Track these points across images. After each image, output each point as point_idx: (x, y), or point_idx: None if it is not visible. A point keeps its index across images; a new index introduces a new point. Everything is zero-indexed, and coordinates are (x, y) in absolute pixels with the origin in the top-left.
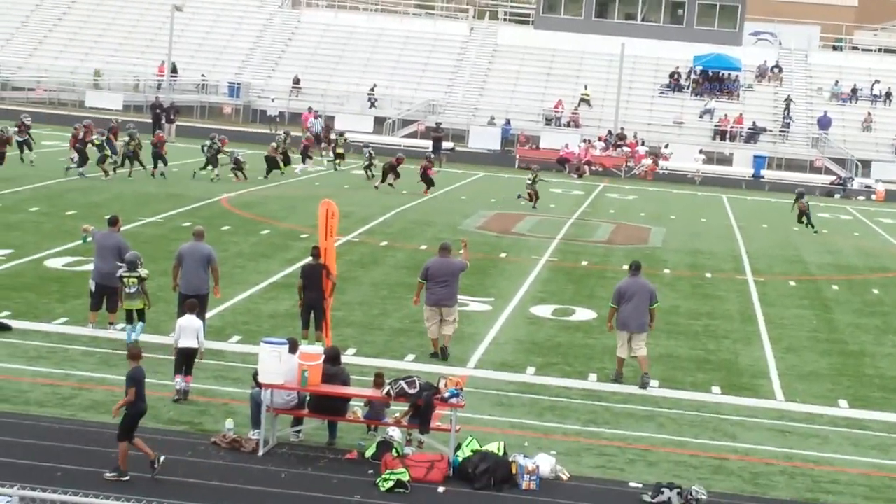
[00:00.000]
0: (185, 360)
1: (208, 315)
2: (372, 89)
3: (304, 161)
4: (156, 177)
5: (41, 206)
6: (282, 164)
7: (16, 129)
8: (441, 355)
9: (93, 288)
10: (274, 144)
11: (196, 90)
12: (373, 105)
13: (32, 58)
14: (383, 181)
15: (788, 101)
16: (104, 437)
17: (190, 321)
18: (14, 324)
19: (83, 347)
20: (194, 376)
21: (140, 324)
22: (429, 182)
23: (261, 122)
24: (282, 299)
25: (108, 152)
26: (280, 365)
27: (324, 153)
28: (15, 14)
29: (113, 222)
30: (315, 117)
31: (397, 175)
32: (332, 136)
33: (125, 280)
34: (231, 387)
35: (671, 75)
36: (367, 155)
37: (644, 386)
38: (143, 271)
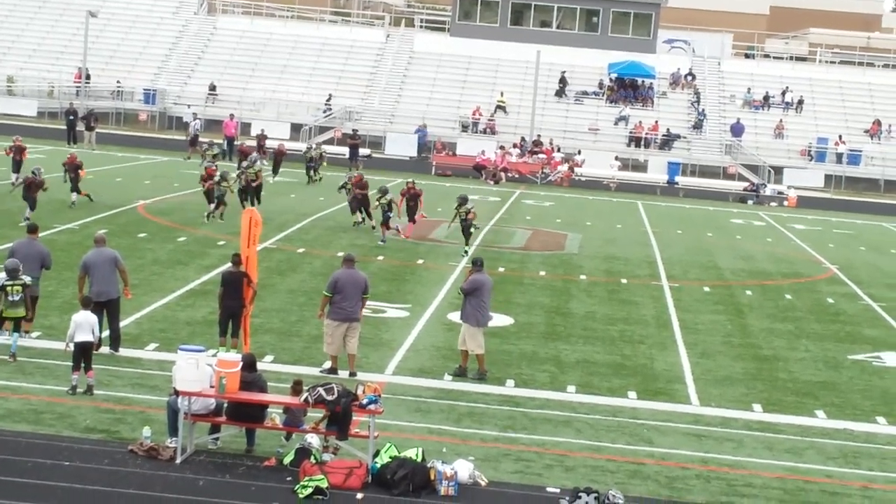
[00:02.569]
0: (83, 354)
1: (125, 322)
2: (328, 100)
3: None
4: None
5: None
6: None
7: None
8: (351, 375)
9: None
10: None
11: (111, 97)
12: (327, 115)
13: None
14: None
15: (698, 96)
16: (20, 446)
17: (86, 316)
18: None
19: None
20: (110, 384)
21: (17, 334)
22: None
23: (177, 129)
24: (199, 306)
25: None
26: (197, 372)
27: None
28: None
29: (32, 230)
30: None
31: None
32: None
33: (9, 288)
34: (148, 394)
35: (560, 80)
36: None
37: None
38: (26, 278)
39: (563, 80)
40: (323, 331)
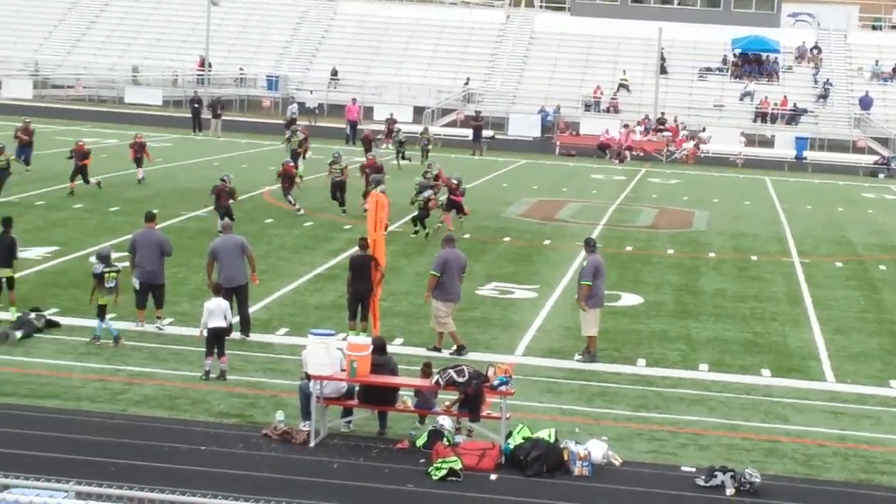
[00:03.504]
0: (216, 340)
1: (255, 308)
2: (466, 83)
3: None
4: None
5: (85, 203)
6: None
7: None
8: (461, 351)
9: (137, 286)
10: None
11: (234, 84)
12: (469, 101)
13: (71, 55)
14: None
15: (818, 68)
16: (156, 431)
17: (217, 303)
18: (62, 320)
19: (132, 343)
20: (243, 369)
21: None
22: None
23: (300, 115)
24: (327, 290)
25: None
26: (327, 356)
27: (386, 146)
28: (52, 12)
29: (150, 218)
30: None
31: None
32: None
33: (106, 275)
34: (280, 379)
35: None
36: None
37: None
38: (119, 265)
39: (663, 58)
40: (433, 312)
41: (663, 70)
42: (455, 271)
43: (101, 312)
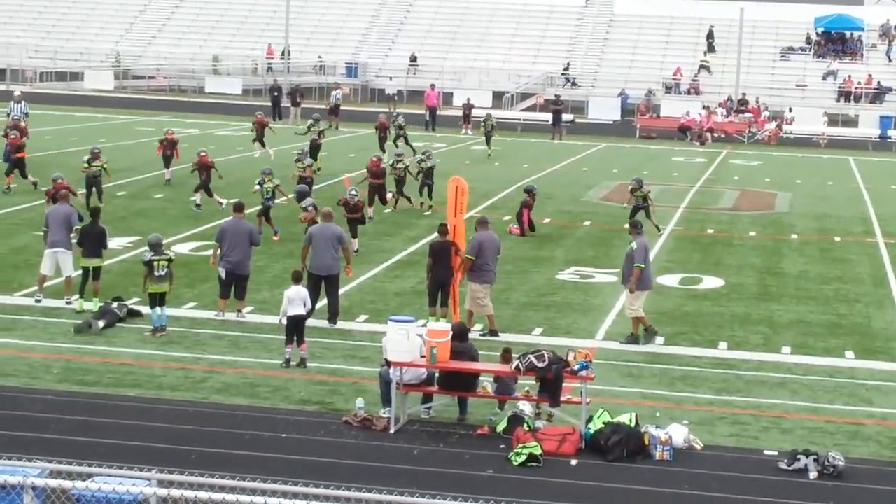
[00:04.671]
0: (296, 327)
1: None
2: (566, 68)
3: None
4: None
5: (165, 193)
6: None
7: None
8: (494, 335)
9: (223, 275)
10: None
11: (314, 72)
12: (573, 84)
13: (151, 46)
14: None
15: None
16: (237, 419)
17: (297, 291)
18: (144, 309)
19: (213, 331)
20: (323, 356)
21: (160, 309)
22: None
23: (379, 101)
24: (407, 277)
25: None
26: (407, 342)
27: (465, 132)
28: (133, 3)
29: (239, 208)
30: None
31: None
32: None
33: (155, 263)
34: (360, 366)
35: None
36: (490, 127)
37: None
38: (170, 253)
39: (710, 35)
40: (471, 295)
41: (711, 48)
42: (490, 254)
43: (152, 301)
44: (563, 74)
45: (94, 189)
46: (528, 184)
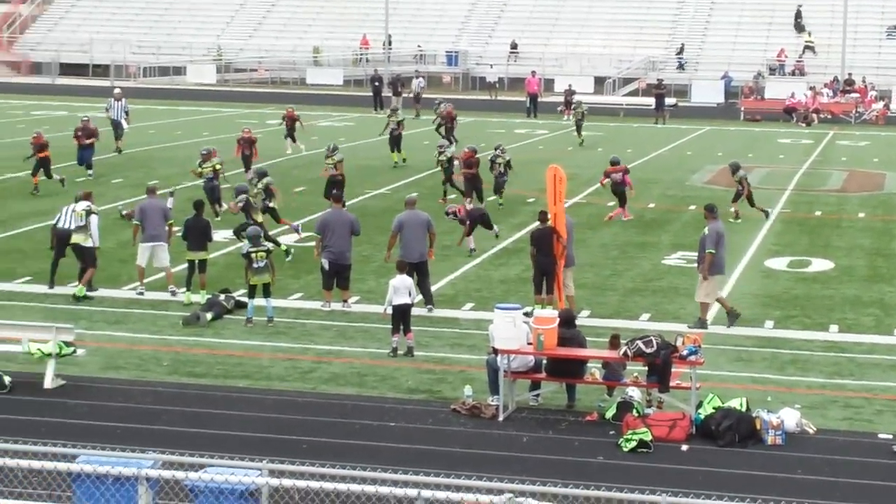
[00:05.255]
0: (402, 316)
1: (440, 283)
2: (680, 51)
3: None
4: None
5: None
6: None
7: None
8: None
9: (326, 266)
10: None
11: (414, 61)
12: (683, 68)
13: (252, 39)
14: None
15: None
16: (346, 409)
17: (402, 280)
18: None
19: (319, 321)
20: (429, 345)
21: (270, 300)
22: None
23: (480, 90)
24: (512, 264)
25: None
26: (514, 330)
27: (567, 118)
28: None
29: (338, 199)
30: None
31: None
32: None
33: (254, 255)
34: (467, 354)
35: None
36: (581, 114)
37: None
38: (269, 244)
39: (798, 15)
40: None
41: (800, 27)
42: (569, 238)
43: (251, 292)
44: (676, 57)
45: (212, 197)
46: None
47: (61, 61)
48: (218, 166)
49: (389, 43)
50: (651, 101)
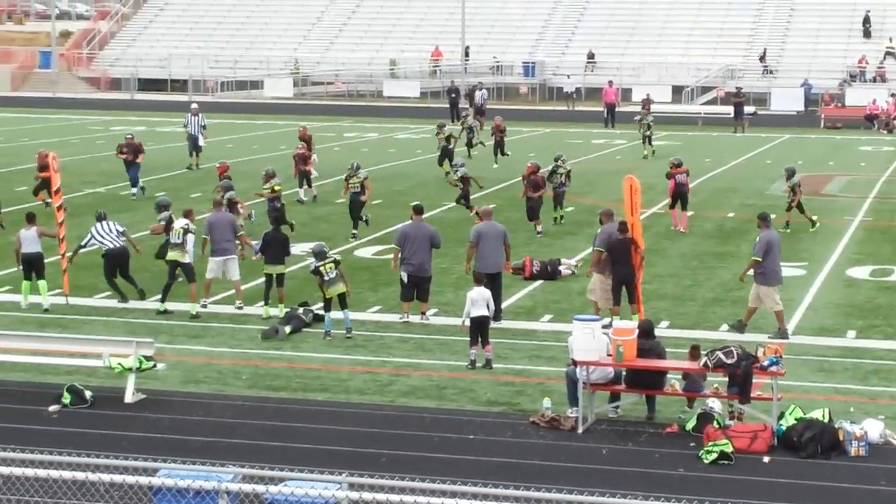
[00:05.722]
0: (480, 328)
1: (518, 295)
2: (763, 56)
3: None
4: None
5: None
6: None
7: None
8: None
9: (405, 279)
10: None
11: (491, 72)
12: (770, 72)
13: (329, 52)
14: None
15: None
16: (425, 422)
17: (480, 292)
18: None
19: (398, 334)
20: (508, 357)
21: (347, 312)
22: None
23: (557, 100)
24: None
25: None
26: (593, 341)
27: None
28: (310, 10)
29: (419, 211)
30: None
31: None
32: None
33: (322, 268)
34: (546, 366)
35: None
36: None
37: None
38: (336, 255)
39: (866, 20)
40: (600, 286)
41: (868, 33)
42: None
43: (328, 305)
44: (760, 63)
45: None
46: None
47: (140, 77)
48: (277, 187)
49: (466, 54)
50: (729, 109)
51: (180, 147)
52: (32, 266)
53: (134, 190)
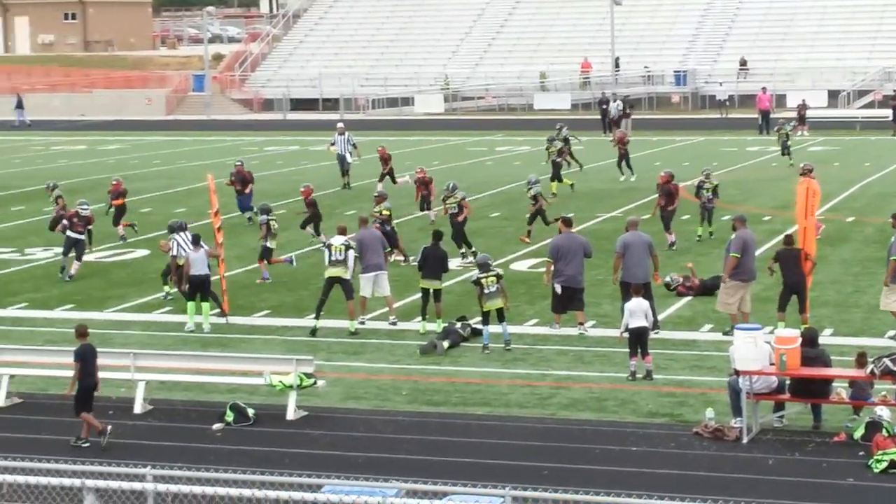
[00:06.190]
0: (638, 339)
1: (678, 305)
2: None
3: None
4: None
5: (501, 212)
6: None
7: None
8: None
9: (559, 290)
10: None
11: (642, 82)
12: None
13: (479, 67)
14: None
15: None
16: (586, 434)
17: (638, 303)
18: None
19: (556, 347)
20: (668, 367)
21: (505, 325)
22: None
23: (710, 108)
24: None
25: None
26: (755, 350)
27: (801, 133)
28: (458, 26)
29: (569, 223)
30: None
31: None
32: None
33: (484, 281)
34: (707, 376)
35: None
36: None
37: None
38: (499, 270)
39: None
40: (724, 290)
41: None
42: (752, 250)
43: (486, 319)
44: None
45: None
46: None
47: (291, 97)
48: (385, 211)
49: (617, 65)
50: (888, 112)
51: (333, 165)
52: (200, 288)
53: (248, 214)
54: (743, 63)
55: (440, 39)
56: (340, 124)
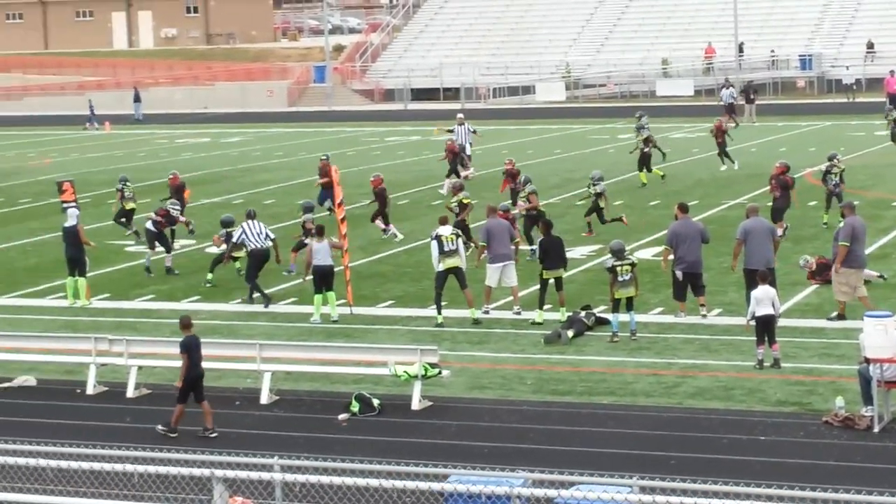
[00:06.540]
0: (765, 327)
1: (805, 292)
2: None
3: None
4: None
5: (625, 200)
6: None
7: None
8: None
9: (680, 277)
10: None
11: (766, 67)
12: None
13: (600, 54)
14: None
15: None
16: (713, 423)
17: (765, 291)
18: (611, 316)
19: (682, 335)
20: (797, 356)
21: (633, 314)
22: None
23: (836, 92)
24: (881, 270)
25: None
26: (886, 338)
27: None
28: (579, 14)
29: (685, 209)
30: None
31: None
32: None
33: (618, 269)
34: (837, 364)
35: None
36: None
37: None
38: (633, 258)
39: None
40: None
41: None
42: (862, 237)
43: (616, 307)
44: None
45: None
46: None
47: (412, 87)
48: (465, 200)
49: (741, 50)
50: None
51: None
52: (324, 279)
53: (326, 203)
54: (870, 46)
55: (561, 27)
56: (460, 115)
